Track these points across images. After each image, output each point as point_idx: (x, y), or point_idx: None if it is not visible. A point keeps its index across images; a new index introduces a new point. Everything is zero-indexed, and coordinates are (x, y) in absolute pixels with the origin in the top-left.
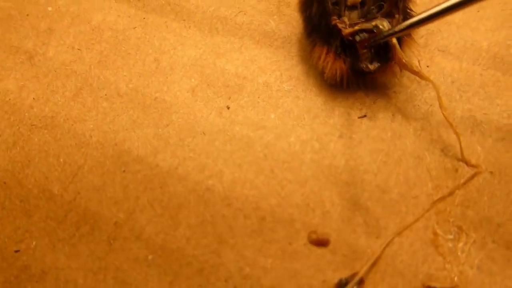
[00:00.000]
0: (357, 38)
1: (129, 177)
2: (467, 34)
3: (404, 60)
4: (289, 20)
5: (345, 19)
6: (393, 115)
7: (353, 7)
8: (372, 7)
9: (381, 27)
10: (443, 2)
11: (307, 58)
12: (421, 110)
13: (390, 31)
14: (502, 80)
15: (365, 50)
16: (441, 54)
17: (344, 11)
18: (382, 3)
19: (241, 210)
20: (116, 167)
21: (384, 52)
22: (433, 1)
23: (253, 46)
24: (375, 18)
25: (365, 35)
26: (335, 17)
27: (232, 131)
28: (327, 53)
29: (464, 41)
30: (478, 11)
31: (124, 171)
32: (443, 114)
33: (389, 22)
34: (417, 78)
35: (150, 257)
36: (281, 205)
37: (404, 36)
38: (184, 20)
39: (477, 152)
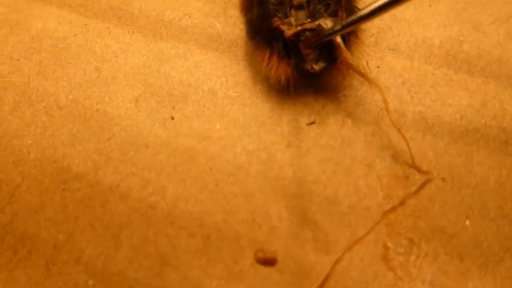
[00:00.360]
0: (301, 38)
1: (68, 196)
2: (419, 31)
3: (350, 60)
4: (235, 22)
5: (292, 19)
6: (342, 120)
7: (300, 7)
8: (319, 6)
9: (324, 26)
10: None
11: (254, 62)
12: (371, 114)
13: (331, 30)
14: (455, 79)
15: (309, 51)
16: (391, 53)
17: (291, 11)
18: (329, 1)
19: (185, 228)
20: (55, 185)
21: (329, 52)
22: None
23: (199, 51)
24: (324, 18)
25: (308, 34)
26: (277, 19)
27: (176, 143)
28: (270, 56)
29: (416, 39)
30: (430, 6)
31: (63, 189)
32: (390, 119)
33: (334, 21)
34: None
35: (90, 282)
36: (226, 221)
37: (351, 37)
38: (127, 25)
39: (429, 157)
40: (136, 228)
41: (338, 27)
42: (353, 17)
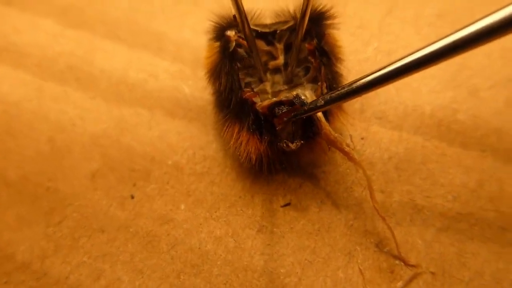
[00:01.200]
0: (277, 111)
1: None
2: (408, 97)
3: (332, 137)
4: (205, 85)
5: (267, 84)
6: (321, 201)
7: (276, 70)
8: (298, 69)
9: (303, 97)
10: (378, 70)
11: (223, 137)
12: (354, 194)
13: (312, 106)
14: (448, 153)
15: (283, 126)
16: (378, 122)
17: (266, 75)
18: (308, 65)
19: None
20: None
21: (307, 126)
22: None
23: (164, 118)
24: (300, 84)
25: (284, 108)
26: (248, 90)
27: (135, 227)
28: (239, 132)
29: (404, 106)
30: None
31: (5, 282)
32: (374, 207)
33: (313, 89)
34: None
35: None
36: None
37: (333, 107)
38: (87, 88)
39: (417, 246)
40: None
41: (320, 102)
42: (338, 92)
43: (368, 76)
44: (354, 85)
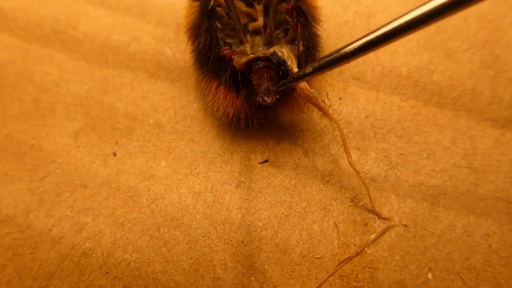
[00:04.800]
0: (253, 66)
1: None
2: (385, 58)
3: (307, 91)
4: (187, 47)
5: (247, 46)
6: (298, 158)
7: (256, 32)
8: (277, 31)
9: (279, 54)
10: (355, 41)
11: (202, 94)
12: (331, 151)
13: (298, 74)
14: (423, 113)
15: (259, 81)
16: (356, 83)
17: (246, 37)
18: (288, 27)
19: (120, 279)
20: None
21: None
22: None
23: (147, 80)
24: (280, 44)
25: (261, 63)
26: (226, 47)
27: (117, 183)
28: (217, 88)
29: (382, 67)
30: None
31: None
32: (348, 160)
33: (291, 48)
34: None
35: None
36: (166, 271)
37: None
38: (70, 51)
39: (391, 201)
40: (67, 278)
41: (309, 69)
42: (326, 59)
43: (357, 42)
44: (343, 51)
